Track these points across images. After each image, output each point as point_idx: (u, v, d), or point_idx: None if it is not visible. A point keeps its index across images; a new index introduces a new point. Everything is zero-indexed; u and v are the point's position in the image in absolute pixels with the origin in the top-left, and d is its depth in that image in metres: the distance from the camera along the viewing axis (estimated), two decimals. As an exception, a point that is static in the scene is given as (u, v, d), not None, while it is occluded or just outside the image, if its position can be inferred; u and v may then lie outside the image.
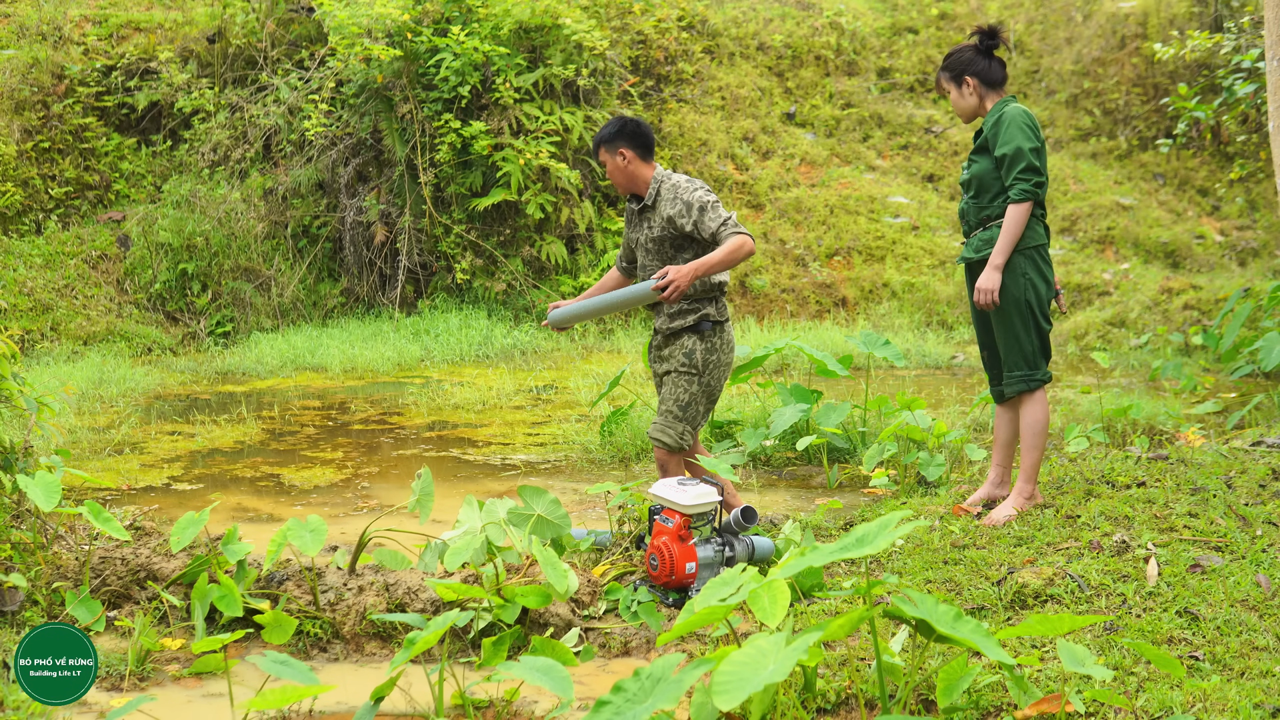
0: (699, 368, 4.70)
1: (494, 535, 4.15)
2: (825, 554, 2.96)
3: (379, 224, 11.78)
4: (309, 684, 3.02)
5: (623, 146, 4.75)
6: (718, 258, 4.53)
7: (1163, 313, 10.82)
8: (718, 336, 4.75)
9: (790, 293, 12.20)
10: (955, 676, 3.04)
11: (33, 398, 4.38)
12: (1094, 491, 4.85)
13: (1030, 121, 4.65)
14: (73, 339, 10.63)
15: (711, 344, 4.73)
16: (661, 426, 4.70)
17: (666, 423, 4.70)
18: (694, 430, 4.73)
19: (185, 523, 4.11)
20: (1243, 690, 3.18)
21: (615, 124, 4.80)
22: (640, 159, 4.76)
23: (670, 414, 4.70)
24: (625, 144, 4.75)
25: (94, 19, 13.01)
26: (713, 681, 2.65)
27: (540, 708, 3.60)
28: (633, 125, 4.78)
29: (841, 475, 6.35)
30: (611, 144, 4.77)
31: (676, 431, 4.68)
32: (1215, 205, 13.97)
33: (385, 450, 7.26)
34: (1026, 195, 4.58)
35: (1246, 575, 3.93)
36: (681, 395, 4.70)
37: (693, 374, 4.70)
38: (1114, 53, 15.08)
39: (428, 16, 11.75)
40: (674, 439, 4.68)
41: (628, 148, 4.74)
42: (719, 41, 14.60)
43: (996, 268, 4.62)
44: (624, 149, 4.74)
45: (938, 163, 14.17)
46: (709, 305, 4.75)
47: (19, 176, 11.89)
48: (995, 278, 4.62)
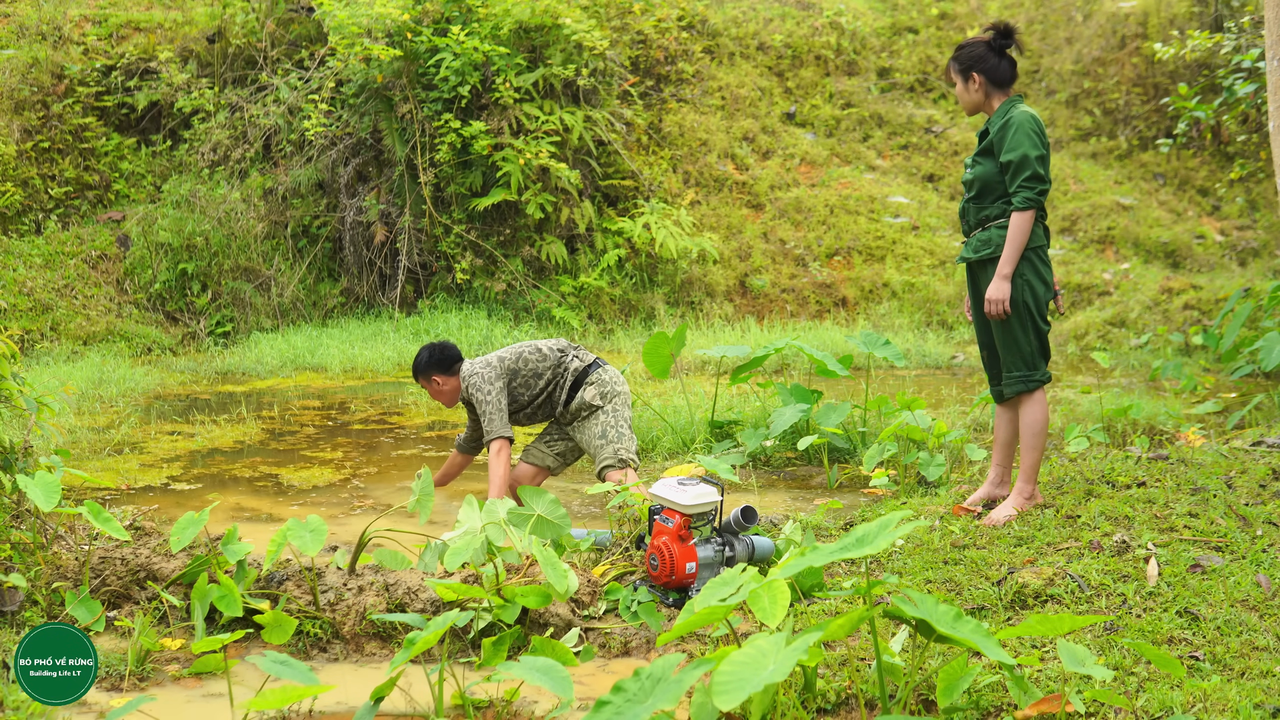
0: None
1: (494, 535, 4.15)
2: (825, 554, 2.96)
3: (379, 224, 11.78)
4: (309, 684, 3.02)
5: (434, 375, 5.49)
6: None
7: (1163, 313, 10.82)
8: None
9: (790, 293, 12.20)
10: (955, 676, 3.04)
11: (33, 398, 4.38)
12: (1094, 491, 4.85)
13: (1038, 127, 4.64)
14: (72, 339, 10.62)
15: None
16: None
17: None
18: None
19: (185, 523, 4.11)
20: (1243, 690, 3.18)
21: (420, 357, 5.52)
22: (447, 377, 5.49)
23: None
24: (434, 373, 5.49)
25: (94, 19, 13.02)
26: (713, 681, 2.65)
27: (540, 708, 3.60)
28: (429, 354, 5.49)
29: (841, 475, 6.35)
30: (425, 374, 5.51)
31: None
32: (1215, 205, 13.97)
33: (385, 450, 7.26)
34: (1030, 203, 4.59)
35: (1247, 575, 3.93)
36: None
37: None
38: (1114, 52, 15.08)
39: (428, 16, 11.75)
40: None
41: (436, 374, 5.48)
42: (719, 41, 14.60)
43: (1005, 277, 4.62)
44: (435, 377, 5.49)
45: (938, 162, 14.17)
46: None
47: (19, 176, 11.89)
48: (1004, 287, 4.62)
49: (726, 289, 12.14)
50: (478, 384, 5.41)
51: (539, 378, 5.50)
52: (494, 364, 5.46)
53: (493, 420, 5.36)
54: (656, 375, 6.98)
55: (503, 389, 5.42)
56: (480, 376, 5.42)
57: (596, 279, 11.63)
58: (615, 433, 5.45)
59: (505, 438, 5.34)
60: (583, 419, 5.51)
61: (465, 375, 5.47)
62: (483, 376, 5.41)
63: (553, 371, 5.51)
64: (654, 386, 8.62)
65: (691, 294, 12.04)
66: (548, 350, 5.56)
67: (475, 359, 5.57)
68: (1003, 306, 4.64)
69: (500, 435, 5.33)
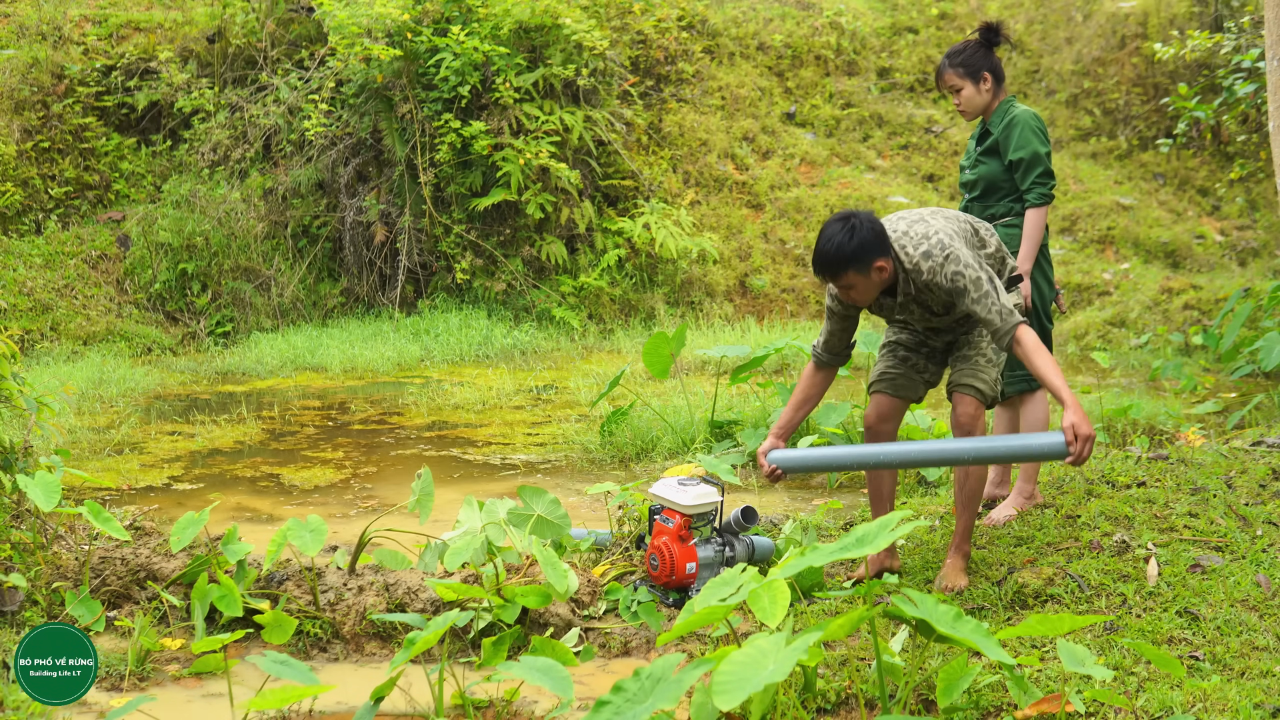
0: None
1: (494, 535, 4.15)
2: (825, 554, 2.96)
3: (379, 224, 11.77)
4: (309, 684, 3.02)
5: (876, 260, 3.89)
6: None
7: (1163, 313, 10.82)
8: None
9: (790, 292, 12.20)
10: (955, 676, 3.04)
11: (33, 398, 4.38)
12: (1094, 491, 4.85)
13: (1042, 125, 4.71)
14: (72, 339, 10.62)
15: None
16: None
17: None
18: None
19: (185, 523, 4.11)
20: (1243, 690, 3.18)
21: (844, 240, 3.85)
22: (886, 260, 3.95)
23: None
24: (876, 257, 3.89)
25: (94, 19, 13.01)
26: (713, 681, 2.65)
27: (540, 708, 3.60)
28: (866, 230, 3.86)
29: (842, 475, 6.35)
30: (863, 261, 3.90)
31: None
32: (1215, 205, 13.97)
33: (385, 450, 7.26)
34: (1045, 200, 4.64)
35: (1247, 575, 3.93)
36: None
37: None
38: (1114, 52, 15.08)
39: (428, 16, 11.75)
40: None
41: (879, 259, 3.90)
42: (719, 41, 14.60)
43: (1024, 273, 4.65)
44: (878, 262, 3.90)
45: (938, 163, 14.17)
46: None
47: (19, 176, 11.88)
48: (1025, 284, 4.66)
49: (726, 289, 12.14)
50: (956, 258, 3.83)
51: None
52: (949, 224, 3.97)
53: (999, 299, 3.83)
54: (656, 375, 6.98)
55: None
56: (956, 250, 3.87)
57: (596, 279, 11.63)
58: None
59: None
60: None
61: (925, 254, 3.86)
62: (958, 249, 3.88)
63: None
64: (654, 386, 8.62)
65: (691, 294, 12.04)
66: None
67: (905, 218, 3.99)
68: (1027, 303, 4.67)
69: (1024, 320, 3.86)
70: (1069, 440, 3.56)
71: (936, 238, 3.85)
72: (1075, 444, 3.56)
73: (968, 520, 4.13)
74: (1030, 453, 3.72)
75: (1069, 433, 3.56)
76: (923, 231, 3.89)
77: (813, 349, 4.20)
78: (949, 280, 3.81)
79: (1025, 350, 3.74)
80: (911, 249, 3.87)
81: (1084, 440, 3.55)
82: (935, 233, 3.87)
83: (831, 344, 4.16)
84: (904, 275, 3.90)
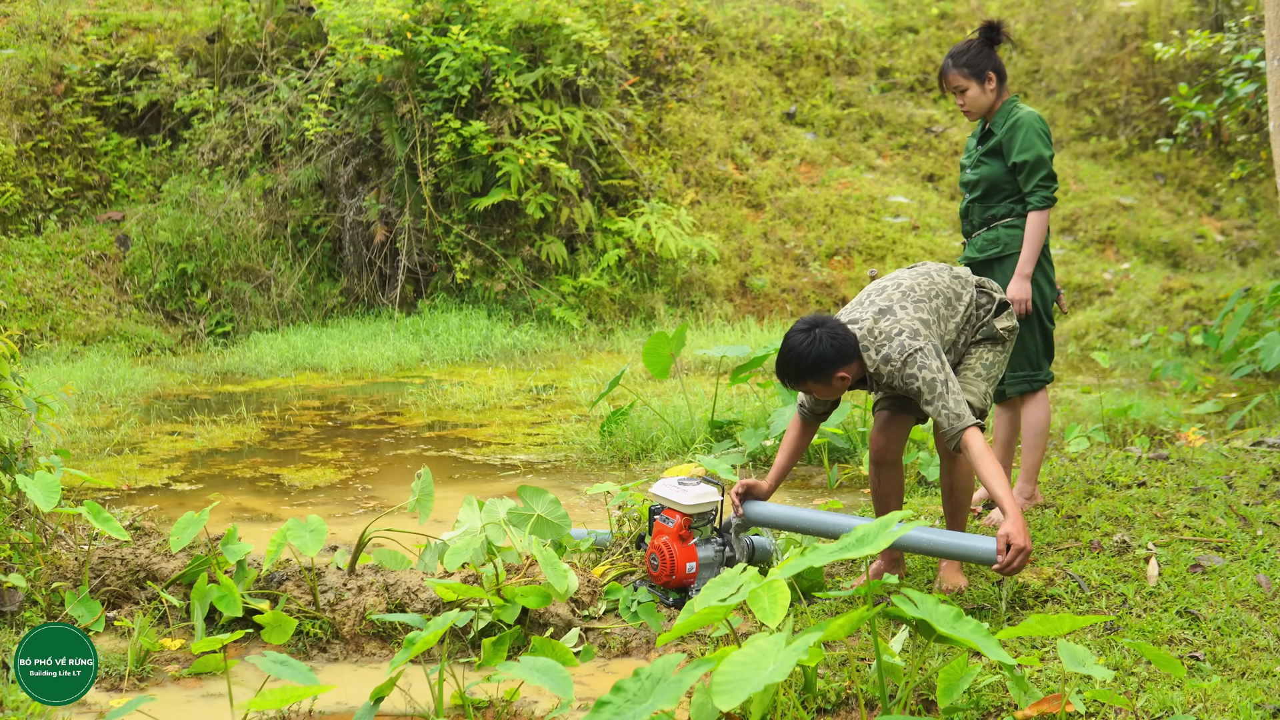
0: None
1: (494, 535, 4.15)
2: (825, 554, 2.96)
3: (379, 224, 11.77)
4: (309, 684, 3.02)
5: (838, 371, 3.94)
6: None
7: (1163, 313, 10.81)
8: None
9: (790, 292, 12.19)
10: (955, 676, 3.04)
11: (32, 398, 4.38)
12: (1094, 491, 4.84)
13: (1045, 127, 4.71)
14: (72, 339, 10.62)
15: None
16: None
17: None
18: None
19: (185, 523, 4.10)
20: (1243, 690, 3.18)
21: (804, 353, 3.93)
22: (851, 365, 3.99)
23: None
24: (838, 368, 3.94)
25: (93, 19, 13.01)
26: (713, 682, 2.64)
27: (540, 708, 3.60)
28: (825, 344, 3.92)
29: (841, 475, 6.35)
30: (825, 374, 3.97)
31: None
32: (1216, 205, 13.97)
33: (385, 450, 7.26)
34: (1049, 202, 4.65)
35: (1247, 575, 3.92)
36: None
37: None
38: (1114, 52, 15.07)
39: (427, 16, 11.75)
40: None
41: (841, 370, 3.95)
42: (719, 41, 14.60)
43: (1026, 276, 4.66)
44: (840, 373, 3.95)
45: (938, 162, 14.17)
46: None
47: (18, 176, 11.88)
48: (1026, 286, 4.67)
49: (726, 289, 12.14)
50: (920, 360, 3.85)
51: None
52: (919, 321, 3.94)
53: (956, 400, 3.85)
54: (656, 375, 6.98)
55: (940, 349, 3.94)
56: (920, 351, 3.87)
57: (596, 279, 11.63)
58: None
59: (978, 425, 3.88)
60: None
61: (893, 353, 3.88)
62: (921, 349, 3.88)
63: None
64: (654, 386, 8.62)
65: (691, 294, 12.04)
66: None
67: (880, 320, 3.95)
68: (1027, 305, 4.67)
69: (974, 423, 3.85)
70: (1000, 549, 3.64)
71: (899, 340, 3.88)
72: (1005, 554, 3.63)
73: (959, 526, 4.22)
74: (964, 553, 3.81)
75: (1002, 541, 3.63)
76: (887, 330, 3.91)
77: (799, 405, 4.30)
78: (904, 383, 3.88)
79: (971, 455, 3.80)
80: (874, 352, 3.93)
81: (1015, 552, 3.61)
82: (899, 332, 3.89)
83: (816, 406, 4.27)
84: (869, 373, 3.99)
